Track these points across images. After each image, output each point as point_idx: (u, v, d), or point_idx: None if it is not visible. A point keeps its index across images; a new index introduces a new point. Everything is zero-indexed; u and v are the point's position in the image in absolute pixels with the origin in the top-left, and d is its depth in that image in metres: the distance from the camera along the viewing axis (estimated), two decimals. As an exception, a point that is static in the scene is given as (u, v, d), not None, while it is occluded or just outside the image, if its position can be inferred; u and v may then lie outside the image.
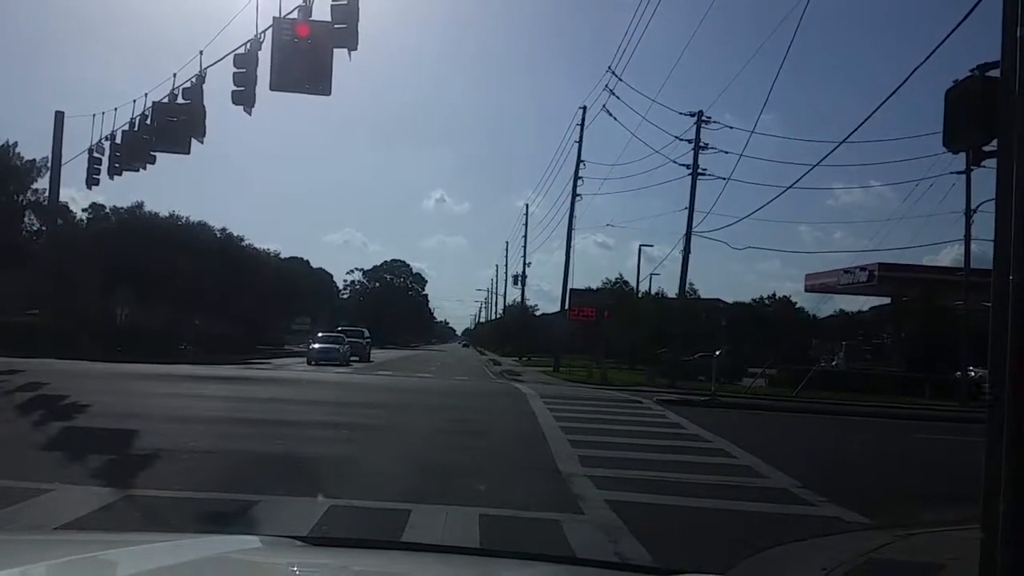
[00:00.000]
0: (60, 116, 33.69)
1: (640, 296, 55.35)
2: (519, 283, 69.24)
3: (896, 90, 20.53)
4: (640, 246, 70.80)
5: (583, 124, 45.38)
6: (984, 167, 6.34)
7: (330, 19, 14.78)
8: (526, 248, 67.22)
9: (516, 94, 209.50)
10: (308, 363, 40.44)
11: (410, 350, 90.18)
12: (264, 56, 15.77)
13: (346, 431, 14.34)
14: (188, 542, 2.69)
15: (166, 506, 7.88)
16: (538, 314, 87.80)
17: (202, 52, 18.60)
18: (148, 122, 20.87)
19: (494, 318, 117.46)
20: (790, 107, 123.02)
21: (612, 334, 47.76)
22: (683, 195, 36.65)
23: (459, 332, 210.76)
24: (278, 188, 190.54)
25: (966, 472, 7.31)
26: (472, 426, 16.02)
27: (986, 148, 6.22)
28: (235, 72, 16.41)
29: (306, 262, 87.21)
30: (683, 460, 12.28)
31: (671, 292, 48.32)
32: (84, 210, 57.06)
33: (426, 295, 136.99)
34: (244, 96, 16.33)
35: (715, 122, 36.22)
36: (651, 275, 67.37)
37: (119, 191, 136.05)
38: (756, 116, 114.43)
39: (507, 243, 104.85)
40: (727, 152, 36.65)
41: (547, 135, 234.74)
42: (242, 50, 16.52)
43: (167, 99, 19.85)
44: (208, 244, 48.78)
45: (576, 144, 46.30)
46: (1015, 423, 5.29)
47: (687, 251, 35.92)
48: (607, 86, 38.24)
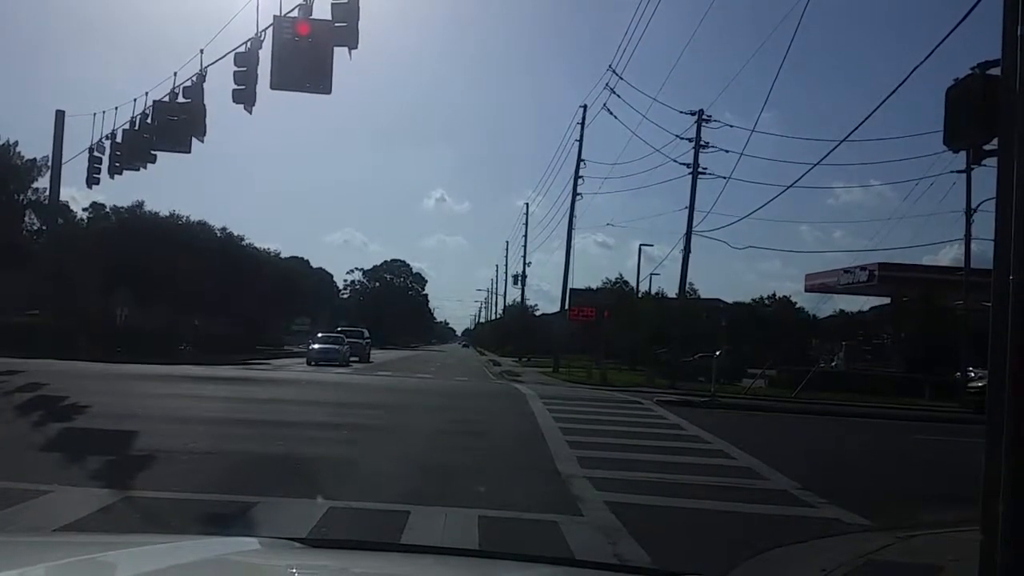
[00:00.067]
0: (60, 115, 33.76)
1: (640, 296, 55.40)
2: (519, 283, 69.32)
3: (896, 89, 20.37)
4: (640, 246, 70.88)
5: (583, 123, 45.37)
6: (984, 166, 6.34)
7: (331, 18, 14.79)
8: (526, 248, 67.27)
9: (516, 94, 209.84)
10: (308, 364, 40.43)
11: (410, 350, 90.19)
12: (265, 55, 15.78)
13: (346, 432, 14.33)
14: (187, 544, 2.69)
15: (165, 507, 7.87)
16: (538, 314, 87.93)
17: (203, 51, 18.63)
18: (149, 121, 20.87)
19: (494, 318, 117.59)
20: (790, 106, 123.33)
21: (612, 334, 47.77)
22: (683, 194, 36.71)
23: (459, 332, 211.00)
24: (278, 187, 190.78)
25: (966, 473, 7.31)
26: (471, 427, 16.02)
27: (986, 147, 6.22)
28: (236, 71, 16.41)
29: (306, 262, 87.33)
30: (683, 461, 12.28)
31: (671, 292, 48.43)
32: (84, 209, 57.16)
33: (426, 295, 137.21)
34: (245, 95, 16.33)
35: (715, 121, 36.27)
36: (651, 275, 67.61)
37: (119, 191, 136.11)
38: (756, 115, 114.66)
39: (507, 243, 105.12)
40: (727, 151, 36.64)
41: (547, 135, 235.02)
42: (243, 49, 16.52)
43: (168, 98, 19.85)
44: (208, 244, 48.77)
45: (576, 143, 46.29)
46: (1015, 424, 5.28)
47: (687, 251, 35.95)
48: (608, 84, 38.26)
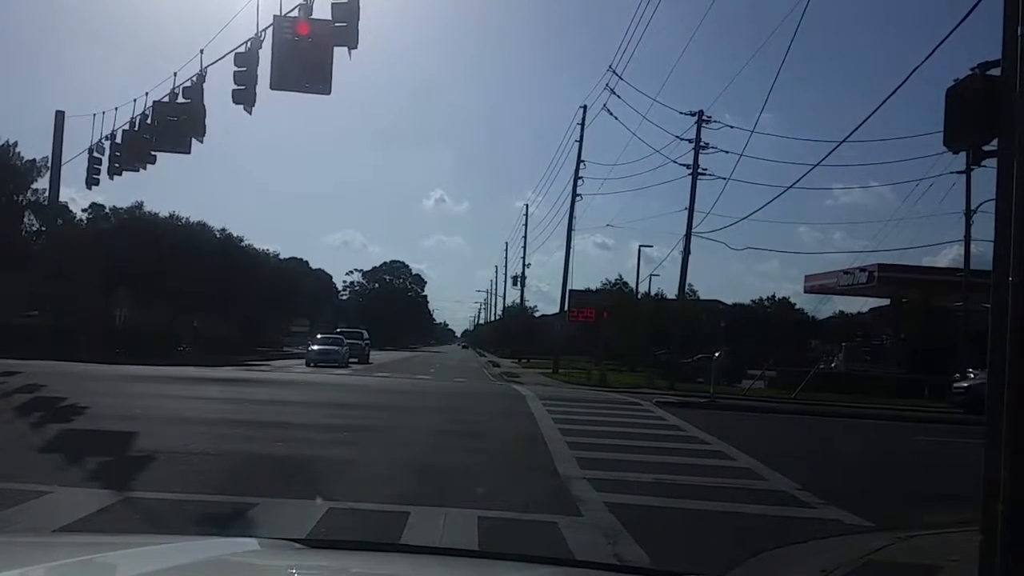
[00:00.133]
0: (60, 116, 33.71)
1: (639, 297, 55.37)
2: (518, 284, 69.27)
3: (896, 90, 20.50)
4: (639, 247, 71.13)
5: (583, 124, 45.23)
6: (984, 167, 6.33)
7: (331, 18, 14.77)
8: (525, 249, 67.19)
9: (516, 94, 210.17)
10: (307, 365, 40.45)
11: (409, 352, 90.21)
12: (265, 55, 15.76)
13: (345, 433, 14.32)
14: (187, 544, 2.69)
15: (165, 508, 7.86)
16: (537, 315, 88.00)
17: (202, 51, 18.59)
18: (148, 122, 20.84)
19: (493, 319, 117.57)
20: (790, 107, 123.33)
21: (611, 335, 47.78)
22: (683, 195, 36.66)
23: (458, 334, 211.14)
24: (278, 188, 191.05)
25: (966, 474, 7.30)
26: (471, 428, 16.01)
27: (986, 147, 6.21)
28: (236, 71, 16.39)
29: (305, 263, 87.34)
30: (682, 462, 12.27)
31: (670, 293, 48.35)
32: (84, 210, 57.17)
33: (425, 296, 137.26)
34: (244, 95, 16.32)
35: (715, 121, 36.17)
36: (650, 276, 67.38)
37: (119, 191, 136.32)
38: (756, 116, 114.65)
39: (507, 244, 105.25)
40: (727, 152, 36.59)
41: (547, 135, 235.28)
42: (243, 49, 16.50)
43: (167, 98, 19.83)
44: (207, 245, 48.73)
45: (576, 144, 46.18)
46: (1014, 424, 5.28)
47: (687, 252, 35.88)
48: (608, 85, 38.17)
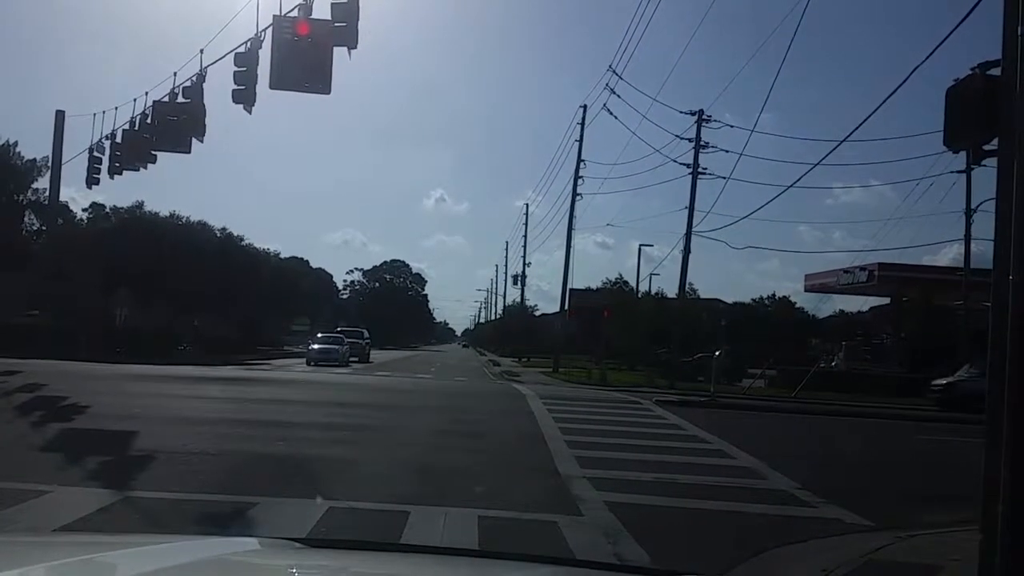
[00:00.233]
0: (60, 115, 33.72)
1: (640, 296, 55.37)
2: (519, 283, 69.30)
3: (896, 90, 20.49)
4: (640, 246, 70.98)
5: (583, 123, 45.22)
6: (984, 166, 6.33)
7: (330, 18, 14.77)
8: (526, 248, 67.19)
9: (516, 94, 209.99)
10: (307, 364, 40.47)
11: (409, 351, 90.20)
12: (264, 55, 15.76)
13: (345, 432, 14.33)
14: (187, 544, 2.68)
15: (164, 508, 7.86)
16: (538, 314, 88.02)
17: (202, 51, 18.60)
18: (148, 121, 20.85)
19: (494, 318, 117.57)
20: (790, 106, 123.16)
21: (612, 334, 47.76)
22: (683, 194, 36.67)
23: (459, 333, 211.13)
24: (278, 187, 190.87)
25: (966, 473, 7.30)
26: (471, 427, 16.01)
27: (986, 147, 6.21)
28: (236, 71, 16.39)
29: (306, 262, 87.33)
30: (682, 461, 12.27)
31: (671, 292, 48.33)
32: (84, 210, 57.20)
33: (426, 295, 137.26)
34: (244, 95, 16.32)
35: (715, 121, 36.21)
36: (651, 275, 67.33)
37: (119, 191, 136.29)
38: (756, 115, 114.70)
39: (507, 243, 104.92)
40: (727, 151, 36.61)
41: (547, 135, 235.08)
42: (242, 49, 16.50)
43: (167, 98, 19.84)
44: (208, 244, 48.76)
45: (576, 143, 46.18)
46: (1014, 424, 5.28)
47: (687, 251, 35.91)
48: (608, 85, 38.20)
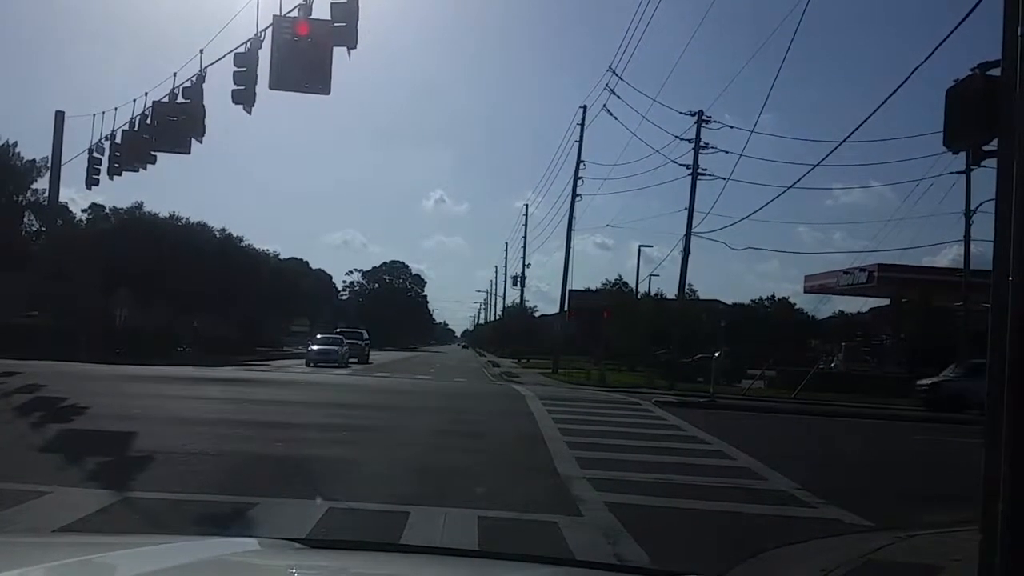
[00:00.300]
0: (60, 116, 33.72)
1: (639, 297, 55.39)
2: (518, 284, 69.30)
3: (896, 90, 20.55)
4: (639, 247, 71.14)
5: (583, 124, 45.22)
6: (984, 167, 6.33)
7: (330, 18, 14.77)
8: (525, 249, 67.21)
9: (516, 94, 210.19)
10: (307, 365, 40.47)
11: (409, 352, 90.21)
12: (264, 55, 15.76)
13: (345, 433, 14.32)
14: (186, 544, 2.68)
15: (164, 508, 7.85)
16: (537, 315, 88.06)
17: (202, 51, 18.60)
18: (148, 122, 20.85)
19: (493, 319, 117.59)
20: (790, 107, 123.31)
21: (611, 335, 47.78)
22: (683, 195, 36.69)
23: (458, 333, 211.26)
24: (277, 188, 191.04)
25: (966, 473, 7.30)
26: (471, 428, 16.01)
27: (986, 148, 6.21)
28: (235, 71, 16.39)
29: (305, 263, 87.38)
30: (682, 462, 12.26)
31: (670, 293, 48.38)
32: (84, 211, 57.22)
33: (425, 296, 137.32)
34: (244, 95, 16.31)
35: (715, 122, 36.22)
36: (650, 276, 67.41)
37: (119, 191, 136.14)
38: (756, 116, 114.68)
39: (506, 244, 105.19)
40: (727, 152, 36.65)
41: (547, 135, 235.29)
42: (242, 49, 16.50)
43: (167, 98, 19.84)
44: (207, 245, 48.74)
45: (576, 144, 46.19)
46: (1014, 424, 5.28)
47: (687, 252, 35.90)
48: (607, 85, 38.22)
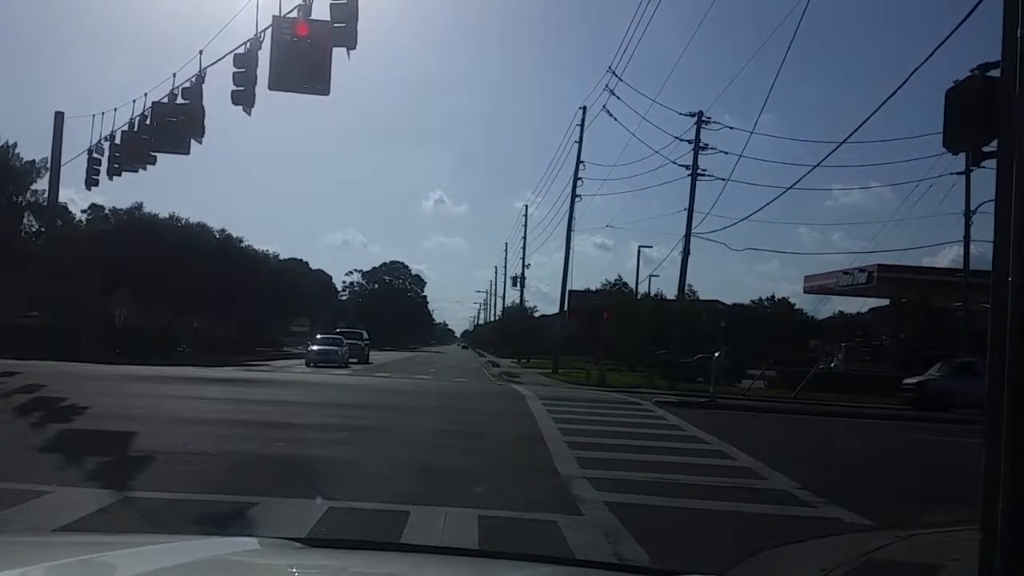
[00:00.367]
0: (60, 116, 33.76)
1: (639, 298, 55.39)
2: (518, 284, 69.34)
3: (896, 91, 20.57)
4: (639, 247, 71.19)
5: (583, 124, 45.23)
6: (984, 167, 6.34)
7: (329, 18, 14.78)
8: (525, 250, 67.25)
9: (516, 94, 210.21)
10: (307, 365, 40.48)
11: (409, 352, 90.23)
12: (264, 56, 15.77)
13: (345, 433, 14.33)
14: (186, 544, 2.68)
15: (164, 508, 7.85)
16: (537, 315, 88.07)
17: (202, 52, 18.62)
18: (147, 122, 20.86)
19: (493, 320, 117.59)
20: (790, 108, 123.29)
21: (611, 336, 47.79)
22: (683, 196, 36.69)
23: (458, 334, 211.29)
24: (277, 189, 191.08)
25: (965, 473, 7.30)
26: (471, 428, 16.01)
27: (986, 148, 6.22)
28: (235, 72, 16.39)
29: (305, 263, 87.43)
30: (682, 462, 12.27)
31: (670, 294, 48.38)
32: (83, 211, 57.30)
33: (425, 297, 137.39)
34: (244, 96, 16.32)
35: (715, 123, 36.21)
36: (650, 276, 67.61)
37: (119, 192, 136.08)
38: (755, 117, 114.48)
39: (506, 244, 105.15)
40: (727, 153, 36.67)
41: (546, 136, 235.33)
42: (242, 50, 16.51)
43: (166, 99, 19.85)
44: (207, 245, 48.75)
45: (576, 144, 46.19)
46: (1014, 424, 5.28)
47: (686, 252, 35.90)
48: (607, 86, 38.22)
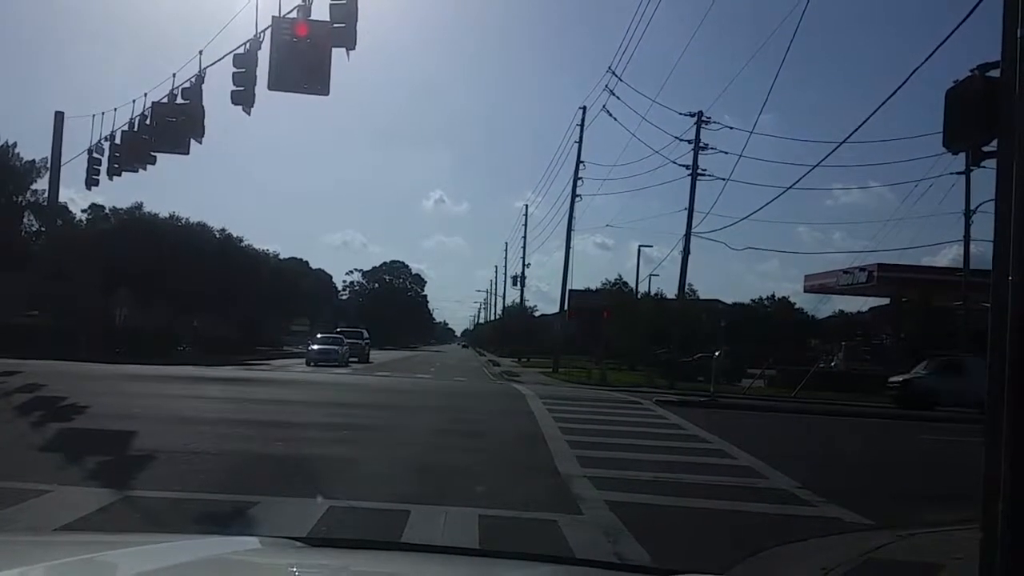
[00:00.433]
0: (60, 116, 33.78)
1: (639, 297, 55.39)
2: (518, 284, 69.38)
3: (896, 91, 20.61)
4: (639, 247, 71.16)
5: (583, 124, 45.25)
6: (984, 167, 6.33)
7: (329, 19, 14.80)
8: (525, 249, 67.32)
9: (516, 94, 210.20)
10: (307, 364, 40.51)
11: (409, 351, 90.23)
12: (263, 56, 15.78)
13: (345, 432, 14.33)
14: (187, 543, 2.68)
15: (165, 507, 7.86)
16: (537, 315, 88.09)
17: (201, 52, 18.66)
18: (147, 122, 20.88)
19: (493, 319, 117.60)
20: (790, 108, 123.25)
21: (611, 335, 47.76)
22: (683, 196, 36.71)
23: (458, 333, 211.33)
24: (277, 188, 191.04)
25: (966, 472, 7.30)
26: (471, 427, 16.01)
27: (986, 148, 6.22)
28: (234, 72, 16.42)
29: (305, 263, 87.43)
30: (682, 461, 12.27)
31: (670, 293, 48.38)
32: (84, 211, 57.29)
33: (425, 296, 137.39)
34: (243, 96, 16.34)
35: (715, 122, 36.25)
36: (650, 276, 67.37)
37: (119, 192, 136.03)
38: (755, 116, 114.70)
39: (506, 244, 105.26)
40: (727, 152, 36.75)
41: (546, 136, 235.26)
42: (241, 50, 16.53)
43: (166, 99, 19.87)
44: (207, 245, 48.77)
45: (576, 144, 46.20)
46: (1014, 424, 5.28)
47: (686, 252, 35.93)
48: (607, 86, 38.25)
